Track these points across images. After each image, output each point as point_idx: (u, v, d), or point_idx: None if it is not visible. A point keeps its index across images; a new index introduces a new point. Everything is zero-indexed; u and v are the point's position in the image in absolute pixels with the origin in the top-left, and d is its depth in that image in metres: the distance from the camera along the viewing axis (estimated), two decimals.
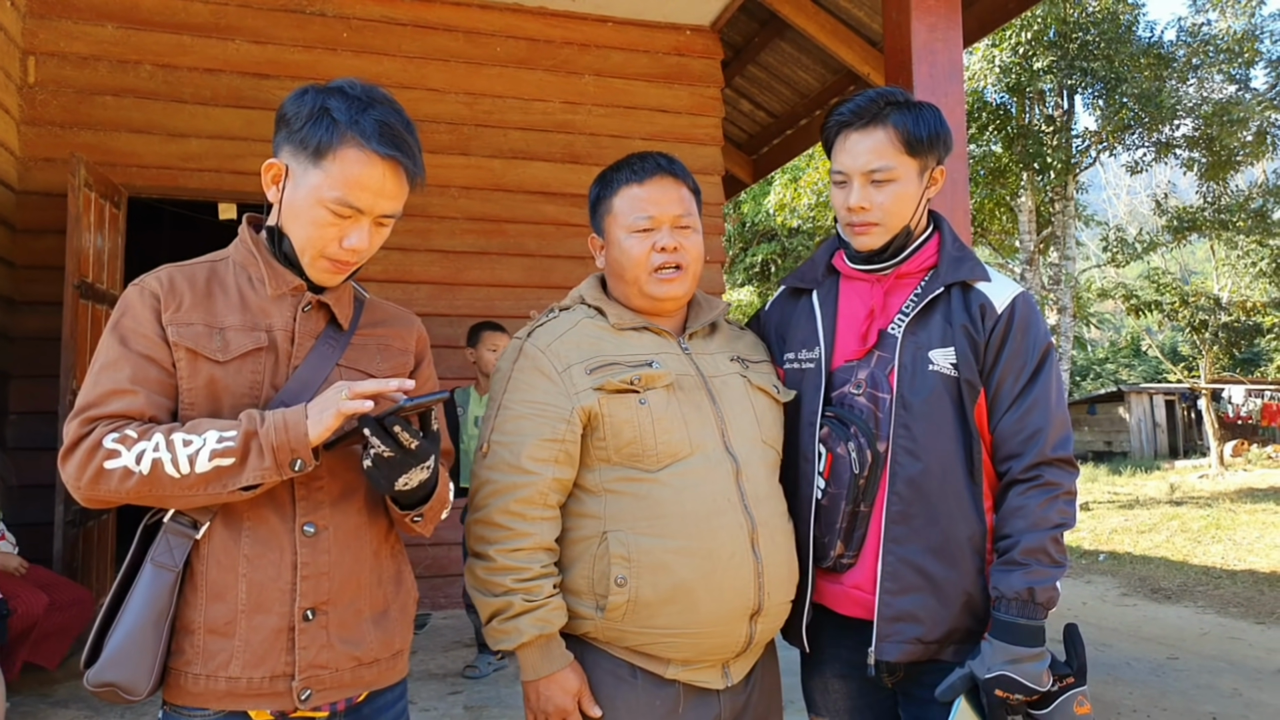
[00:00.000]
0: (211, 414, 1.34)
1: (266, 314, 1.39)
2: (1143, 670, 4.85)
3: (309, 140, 1.33)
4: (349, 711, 1.41)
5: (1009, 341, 1.62)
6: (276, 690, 1.32)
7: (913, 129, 1.66)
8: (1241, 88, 15.94)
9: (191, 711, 1.32)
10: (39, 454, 4.73)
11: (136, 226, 6.60)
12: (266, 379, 1.37)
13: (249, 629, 1.31)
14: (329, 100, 1.34)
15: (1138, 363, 31.23)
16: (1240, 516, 11.07)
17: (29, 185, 5.08)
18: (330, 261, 1.38)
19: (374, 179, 1.34)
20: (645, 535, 1.53)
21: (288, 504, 1.36)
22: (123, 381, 1.30)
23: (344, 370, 1.42)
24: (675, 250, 1.65)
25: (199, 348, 1.33)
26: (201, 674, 1.31)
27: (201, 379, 1.33)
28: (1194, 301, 18.11)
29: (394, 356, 1.51)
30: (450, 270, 5.82)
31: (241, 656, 1.31)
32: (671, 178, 1.70)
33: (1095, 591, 7.49)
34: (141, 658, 1.29)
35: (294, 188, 1.36)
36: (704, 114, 6.47)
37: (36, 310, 5.00)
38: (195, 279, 1.39)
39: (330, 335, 1.43)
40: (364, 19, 5.75)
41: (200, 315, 1.35)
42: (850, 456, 1.63)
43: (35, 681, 3.93)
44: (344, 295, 1.48)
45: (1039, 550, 1.53)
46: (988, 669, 1.50)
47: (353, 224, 1.36)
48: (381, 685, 1.44)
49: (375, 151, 1.32)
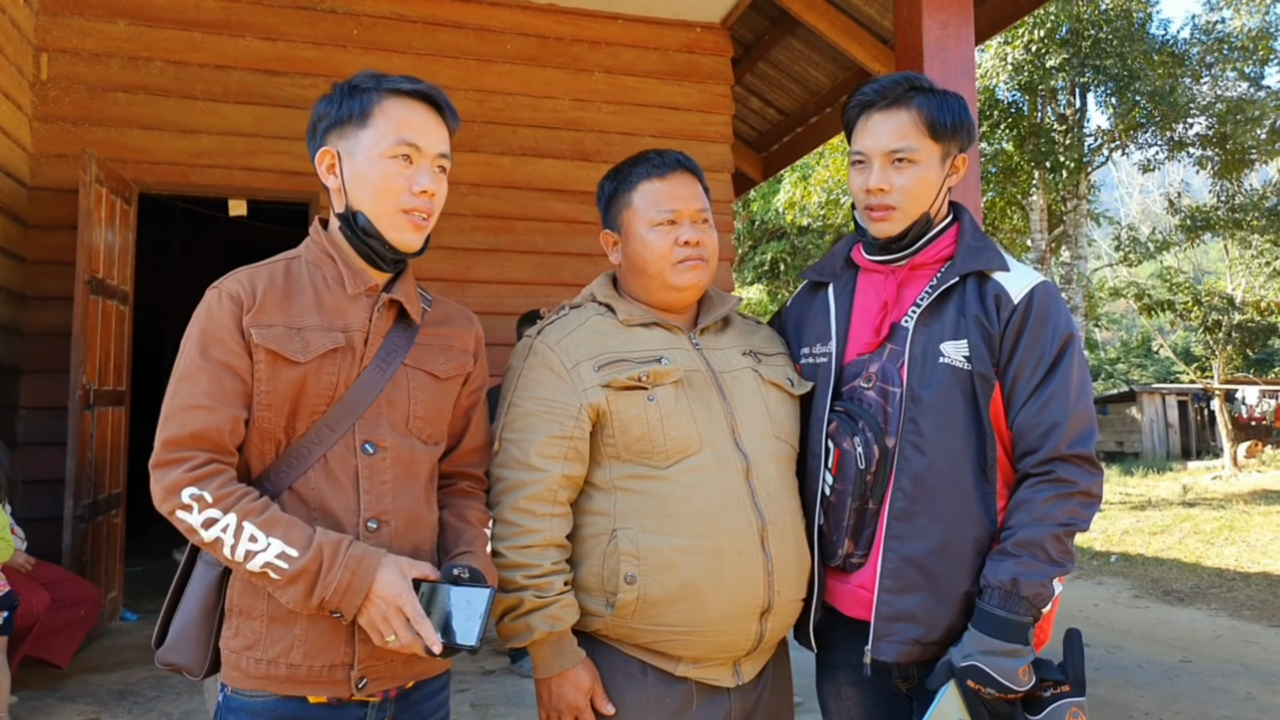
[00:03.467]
0: (289, 415, 1.37)
1: (343, 314, 1.42)
2: (1155, 673, 4.81)
3: (350, 112, 1.43)
4: (399, 698, 1.46)
5: (1025, 333, 1.55)
6: (335, 679, 1.37)
7: (937, 113, 1.62)
8: (1255, 85, 15.78)
9: (253, 694, 1.37)
10: (49, 449, 4.74)
11: (147, 222, 6.61)
12: (341, 379, 1.40)
13: (310, 619, 1.35)
14: (353, 80, 1.46)
15: (1149, 363, 31.03)
16: (1254, 518, 10.98)
17: (41, 181, 5.10)
18: (408, 215, 1.43)
19: (419, 116, 1.44)
20: (654, 533, 1.53)
21: (351, 492, 1.39)
22: (200, 396, 1.33)
23: (409, 370, 1.47)
24: (698, 244, 1.66)
25: (280, 349, 1.36)
26: (264, 659, 1.36)
27: (282, 381, 1.36)
28: (1207, 301, 17.98)
29: (456, 357, 1.55)
30: (459, 267, 5.82)
31: (303, 645, 1.35)
32: (690, 173, 1.71)
33: (1107, 593, 7.44)
34: (196, 644, 1.41)
35: (351, 161, 1.43)
36: (714, 111, 6.45)
37: (47, 305, 5.01)
38: (274, 279, 1.42)
39: (397, 334, 1.47)
40: (374, 15, 5.75)
41: (280, 316, 1.38)
42: (857, 452, 1.59)
43: (44, 677, 3.94)
44: (412, 290, 1.52)
45: (1034, 544, 1.47)
46: (963, 657, 1.46)
47: (416, 167, 1.42)
48: (430, 675, 1.50)
49: (411, 93, 1.44)
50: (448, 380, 1.52)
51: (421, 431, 1.48)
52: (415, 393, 1.46)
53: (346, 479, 1.39)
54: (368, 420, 1.41)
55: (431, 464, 1.50)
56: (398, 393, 1.44)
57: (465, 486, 1.59)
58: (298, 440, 1.39)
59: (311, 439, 1.38)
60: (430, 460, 1.49)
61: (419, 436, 1.47)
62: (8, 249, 4.86)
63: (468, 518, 1.53)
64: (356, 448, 1.39)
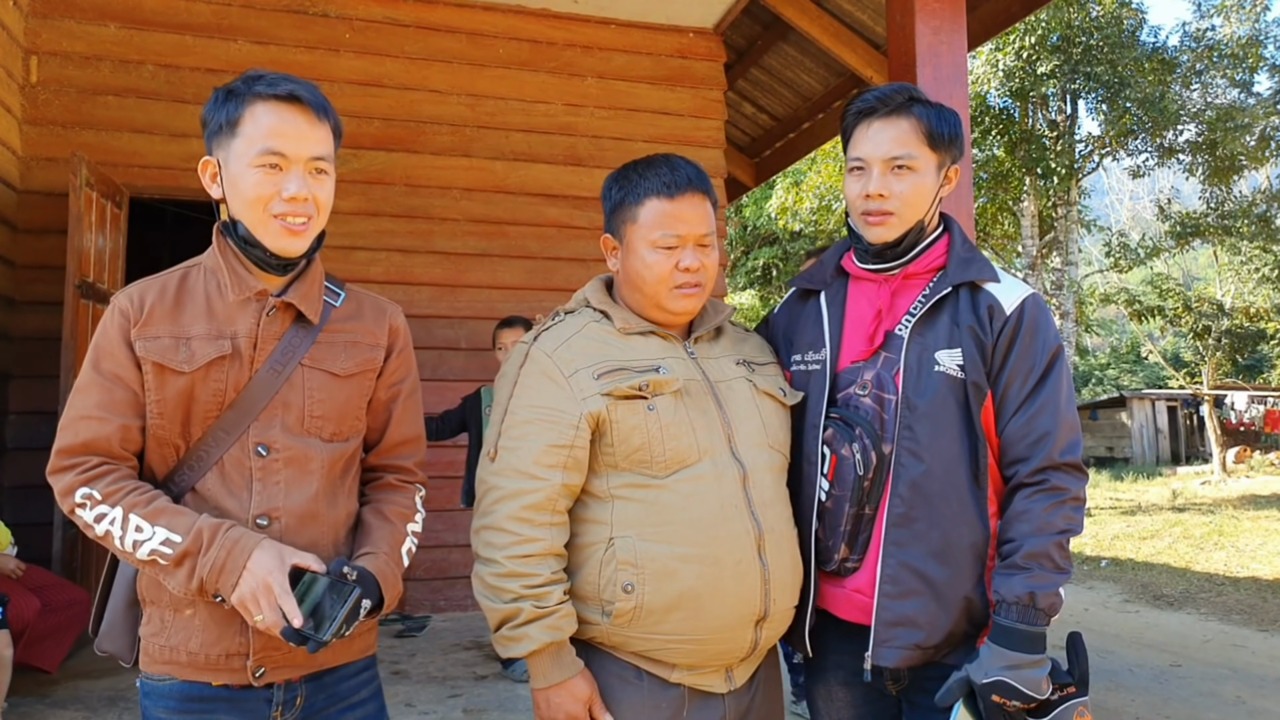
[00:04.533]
0: (182, 421, 1.42)
1: (231, 320, 1.44)
2: (1145, 677, 4.83)
3: (222, 120, 1.42)
4: (309, 678, 1.48)
5: (1017, 343, 1.59)
6: (232, 666, 1.42)
7: (936, 124, 1.66)
8: (1245, 93, 15.91)
9: (160, 679, 1.43)
10: (39, 454, 4.66)
11: (138, 226, 6.59)
12: (229, 384, 1.43)
13: (207, 609, 1.40)
14: (230, 85, 1.45)
15: (1139, 369, 31.17)
16: (1243, 523, 11.03)
17: (31, 185, 5.08)
18: (280, 220, 1.42)
19: (286, 123, 1.40)
20: (652, 542, 1.52)
21: (245, 492, 1.43)
22: (90, 408, 1.40)
23: (306, 370, 1.47)
24: (698, 270, 1.64)
25: (165, 360, 1.40)
26: (167, 645, 1.42)
27: (170, 390, 1.41)
28: (1197, 307, 18.06)
29: (361, 353, 1.55)
30: (452, 272, 5.81)
31: (200, 634, 1.41)
32: (701, 194, 1.66)
33: (1097, 598, 7.46)
34: (123, 633, 1.49)
35: (227, 170, 1.43)
36: (706, 117, 6.46)
37: (37, 310, 4.99)
38: (166, 290, 1.45)
39: (295, 334, 1.48)
40: (366, 20, 5.74)
41: (168, 328, 1.42)
42: (855, 458, 1.61)
43: (34, 683, 3.91)
44: (311, 290, 1.51)
45: (1042, 555, 1.50)
46: (985, 674, 1.48)
47: (285, 174, 1.41)
48: (338, 664, 1.51)
49: (277, 96, 1.40)
50: (350, 377, 1.52)
51: (321, 430, 1.49)
52: (312, 392, 1.48)
53: (241, 480, 1.43)
54: (262, 423, 1.44)
55: (334, 461, 1.50)
56: (292, 394, 1.46)
57: (391, 480, 1.61)
58: (195, 445, 1.43)
59: (208, 443, 1.43)
60: (332, 458, 1.49)
61: (318, 435, 1.48)
62: None
63: (385, 514, 1.55)
64: (251, 450, 1.43)
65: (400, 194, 5.73)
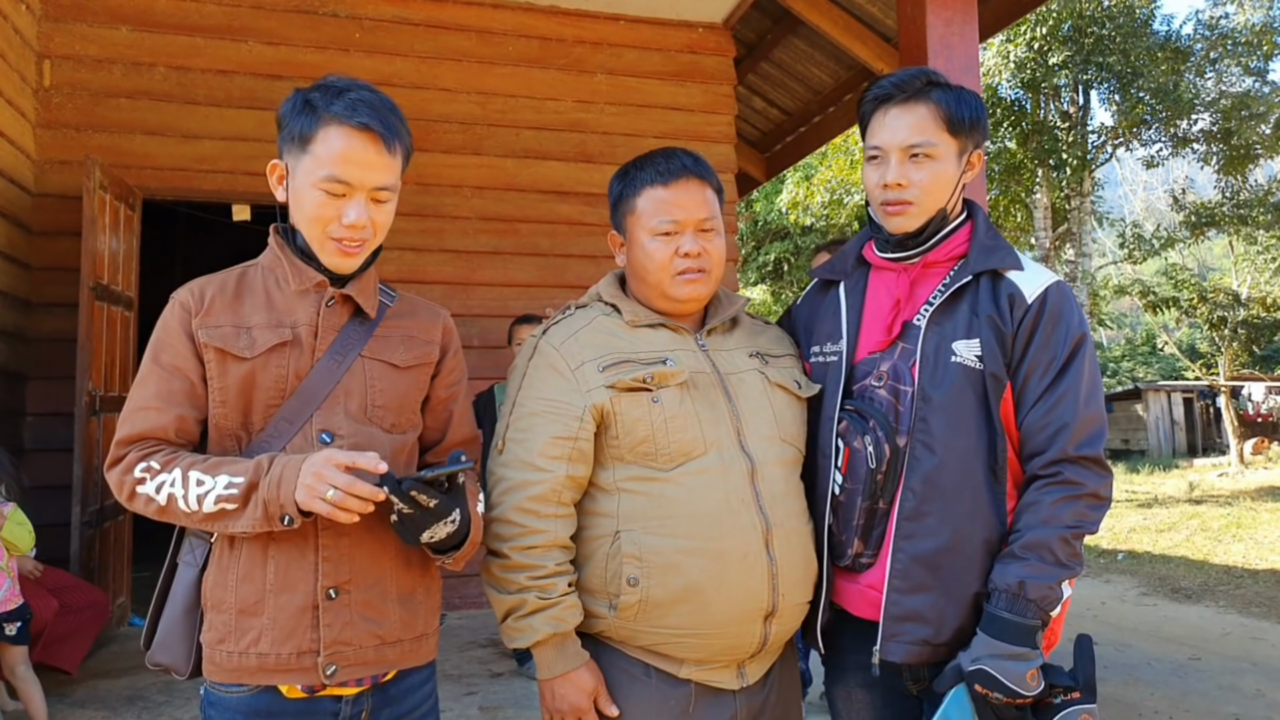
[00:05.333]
0: (244, 410, 1.43)
1: (291, 311, 1.46)
2: (1164, 671, 4.79)
3: (295, 131, 1.43)
4: (376, 690, 1.47)
5: (1038, 333, 1.53)
6: (303, 666, 1.39)
7: (955, 109, 1.60)
8: (1260, 81, 15.73)
9: (228, 688, 1.41)
10: (56, 455, 4.75)
11: (151, 228, 6.62)
12: (291, 371, 1.43)
13: (276, 607, 1.39)
14: (310, 94, 1.44)
15: (1154, 360, 30.95)
16: (1261, 515, 10.94)
17: (45, 188, 5.11)
18: (336, 243, 1.44)
19: (355, 151, 1.40)
20: (657, 535, 1.52)
21: None
22: (149, 398, 1.42)
23: (367, 361, 1.49)
24: (699, 255, 1.63)
25: (227, 346, 1.42)
26: (235, 651, 1.40)
27: (231, 377, 1.42)
28: (1212, 298, 17.89)
29: (417, 347, 1.56)
30: (463, 270, 5.82)
31: (270, 633, 1.39)
32: (697, 179, 1.66)
33: (1114, 591, 7.42)
34: (180, 643, 1.46)
35: (293, 180, 1.45)
36: (717, 111, 6.45)
37: (52, 312, 5.02)
38: (225, 285, 1.48)
39: (354, 327, 1.50)
40: (376, 19, 5.75)
41: (229, 318, 1.44)
42: (867, 451, 1.58)
43: (54, 683, 3.94)
44: (368, 286, 1.53)
45: (1042, 546, 1.45)
46: (971, 660, 1.45)
47: (347, 201, 1.42)
48: (406, 665, 1.50)
49: (351, 124, 1.40)
50: (409, 369, 1.54)
51: (383, 419, 1.49)
52: (374, 382, 1.49)
53: None
54: (325, 411, 1.44)
55: (397, 453, 1.50)
56: (354, 383, 1.47)
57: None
58: (258, 436, 1.43)
59: (270, 433, 1.43)
60: (394, 448, 1.49)
61: (379, 425, 1.49)
62: (12, 255, 4.86)
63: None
64: (314, 438, 1.42)
65: (411, 192, 5.73)
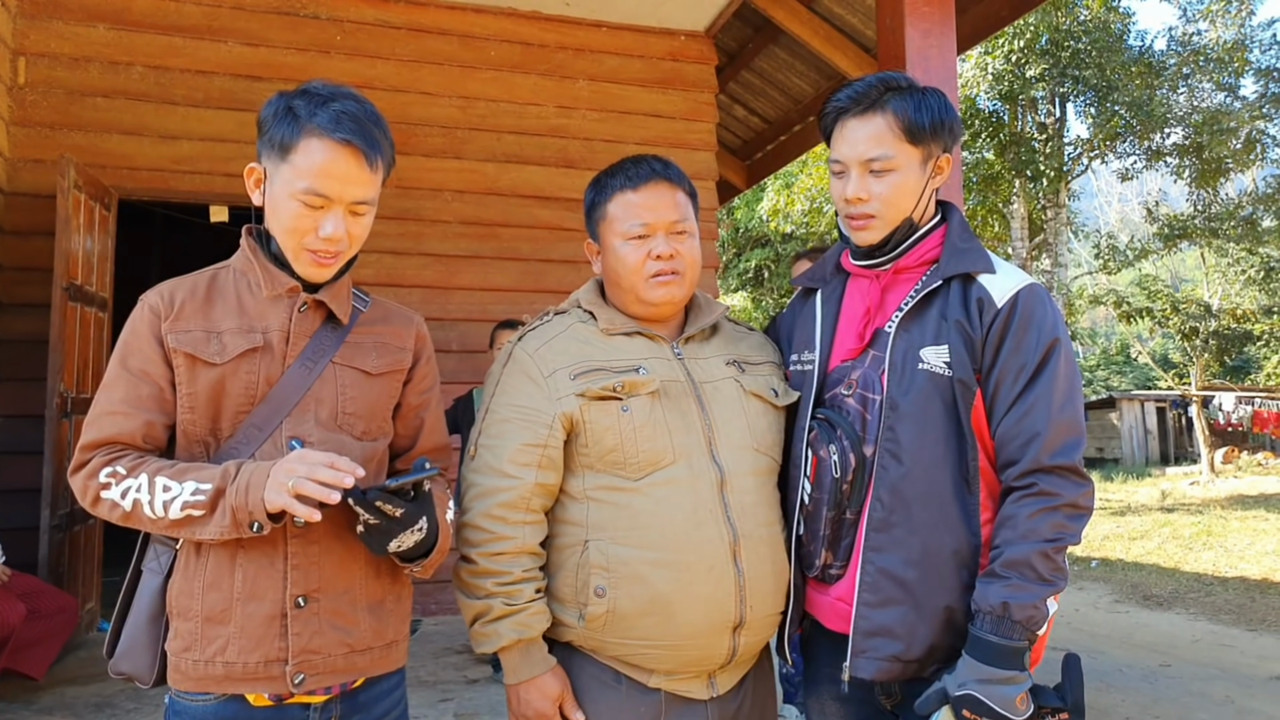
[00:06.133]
0: (213, 416, 1.41)
1: (263, 316, 1.44)
2: (1135, 677, 4.85)
3: (276, 139, 1.40)
4: (345, 697, 1.45)
5: (1008, 338, 1.48)
6: (271, 674, 1.38)
7: (914, 115, 1.55)
8: (1231, 96, 16.03)
9: (194, 696, 1.39)
10: (26, 457, 4.68)
11: (127, 229, 6.55)
12: (261, 378, 1.41)
13: (244, 616, 1.37)
14: (293, 100, 1.41)
15: (1128, 370, 31.32)
16: (1231, 523, 11.09)
17: (18, 187, 5.04)
18: (311, 254, 1.42)
19: (336, 165, 1.38)
20: (624, 545, 1.52)
21: None
22: (116, 403, 1.40)
23: (338, 367, 1.47)
24: (672, 257, 1.62)
25: (197, 352, 1.39)
26: (201, 659, 1.37)
27: (201, 383, 1.40)
28: (1185, 308, 18.14)
29: (390, 353, 1.55)
30: (443, 274, 5.80)
31: (237, 642, 1.37)
32: (667, 182, 1.66)
33: (1087, 598, 7.49)
34: (143, 651, 1.44)
35: (271, 186, 1.43)
36: (698, 119, 6.47)
37: (24, 313, 4.94)
38: (196, 288, 1.45)
39: (326, 333, 1.48)
40: (357, 22, 5.73)
41: (199, 322, 1.42)
42: (832, 460, 1.55)
43: (19, 689, 3.88)
44: (341, 292, 1.51)
45: (1022, 563, 1.40)
46: (958, 685, 1.40)
47: (325, 213, 1.40)
48: (375, 673, 1.48)
49: (333, 138, 1.37)
50: (380, 376, 1.52)
51: (353, 427, 1.48)
52: (345, 389, 1.47)
53: None
54: (295, 418, 1.42)
55: (366, 460, 1.48)
56: (326, 390, 1.45)
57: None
58: (227, 442, 1.41)
59: (240, 440, 1.41)
60: (364, 455, 1.48)
61: (350, 432, 1.47)
62: None
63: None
64: (284, 445, 1.41)
65: (391, 196, 5.71)
